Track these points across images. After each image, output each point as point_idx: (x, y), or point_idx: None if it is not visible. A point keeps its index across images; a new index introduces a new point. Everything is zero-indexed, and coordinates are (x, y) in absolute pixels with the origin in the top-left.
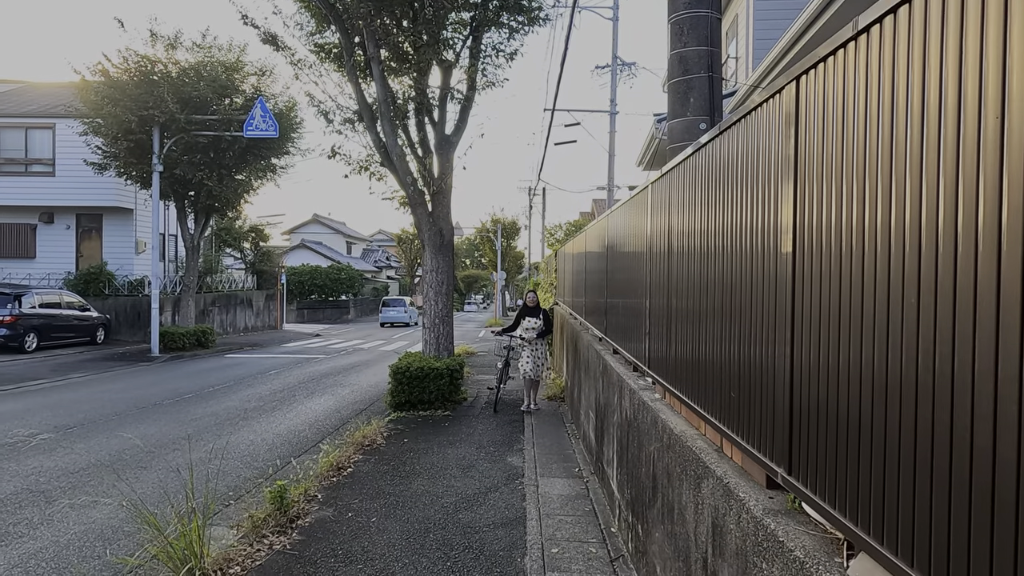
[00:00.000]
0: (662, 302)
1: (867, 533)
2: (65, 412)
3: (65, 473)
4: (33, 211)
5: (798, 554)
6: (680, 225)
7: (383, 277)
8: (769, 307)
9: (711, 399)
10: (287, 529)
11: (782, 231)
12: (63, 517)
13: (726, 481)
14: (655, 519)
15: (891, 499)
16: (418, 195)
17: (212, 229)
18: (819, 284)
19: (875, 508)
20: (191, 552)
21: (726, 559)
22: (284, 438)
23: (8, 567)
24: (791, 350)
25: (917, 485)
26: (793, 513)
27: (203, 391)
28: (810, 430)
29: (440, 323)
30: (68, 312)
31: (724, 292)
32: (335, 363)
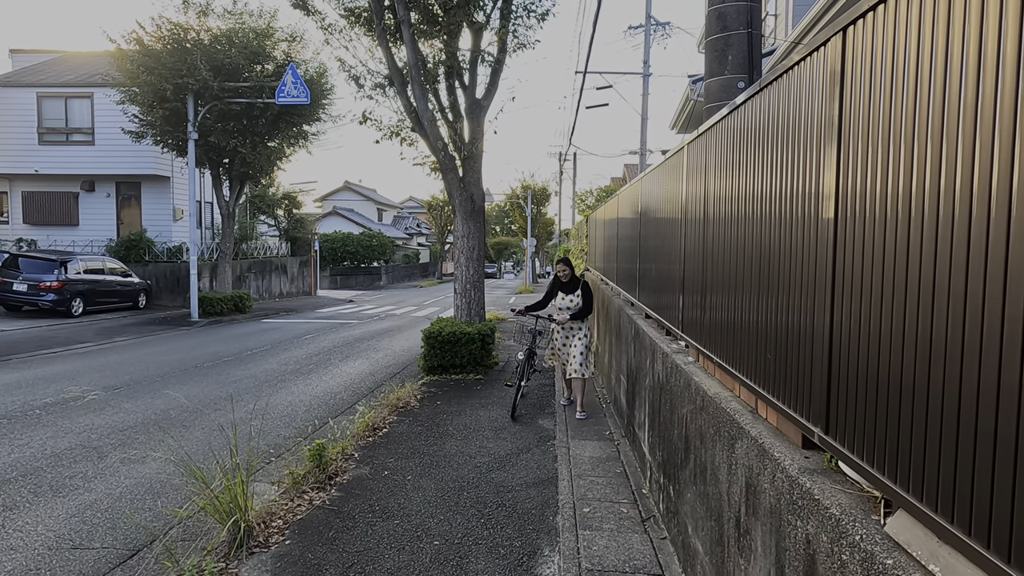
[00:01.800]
0: (697, 267)
1: (906, 490)
2: (112, 373)
3: (115, 430)
4: (75, 179)
5: (834, 511)
6: (716, 188)
7: (414, 244)
8: (809, 271)
9: (746, 361)
10: (326, 486)
11: (824, 196)
12: (115, 471)
13: (761, 441)
14: (687, 480)
15: (932, 456)
16: (449, 160)
17: (246, 196)
18: (862, 248)
19: (915, 466)
20: (236, 505)
21: (759, 518)
22: (321, 400)
23: (67, 516)
24: (831, 313)
25: (961, 443)
26: (829, 472)
27: (242, 354)
28: (848, 390)
29: (471, 288)
30: (111, 278)
31: (762, 256)
32: (368, 328)
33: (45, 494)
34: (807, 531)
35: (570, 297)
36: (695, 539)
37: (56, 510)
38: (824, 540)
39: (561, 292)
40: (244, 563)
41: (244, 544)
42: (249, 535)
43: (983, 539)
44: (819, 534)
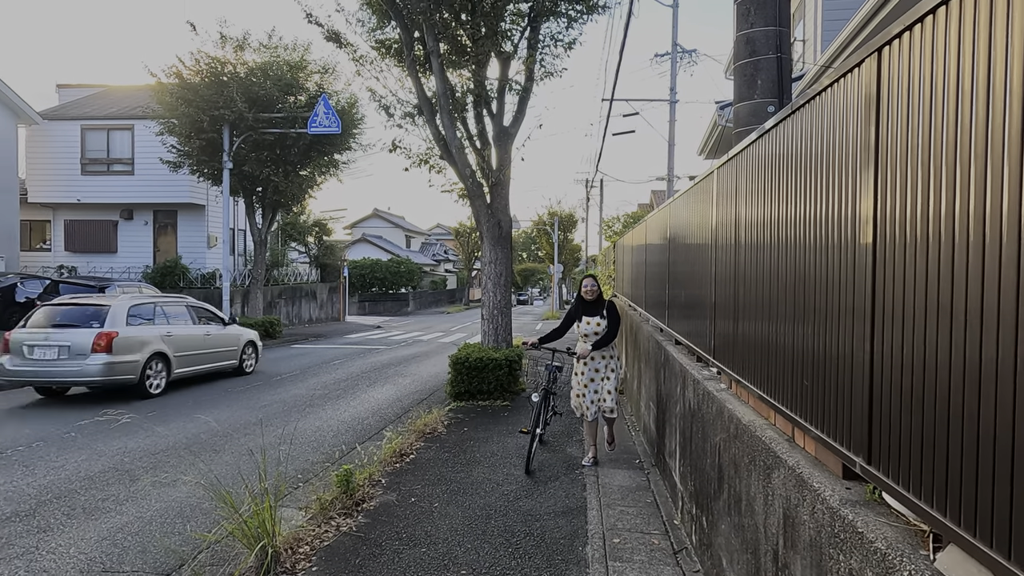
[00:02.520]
0: (728, 292)
1: (957, 523)
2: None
3: (147, 453)
4: (114, 208)
5: (879, 545)
6: (747, 213)
7: (441, 270)
8: (847, 296)
9: (782, 388)
10: (353, 512)
11: (862, 220)
12: (146, 495)
13: (799, 471)
14: (721, 511)
15: (985, 487)
16: (477, 187)
17: (278, 224)
18: (903, 272)
19: (966, 497)
20: (264, 531)
21: (799, 551)
22: (348, 425)
23: (99, 539)
24: (871, 337)
25: (1017, 472)
26: (872, 504)
27: (271, 379)
28: (892, 418)
29: (499, 314)
30: None
31: (797, 281)
32: (396, 354)
33: (79, 516)
34: (850, 566)
35: (595, 320)
36: (731, 572)
37: (88, 533)
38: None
39: (585, 316)
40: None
41: (271, 570)
42: (276, 561)
43: None
44: (863, 570)
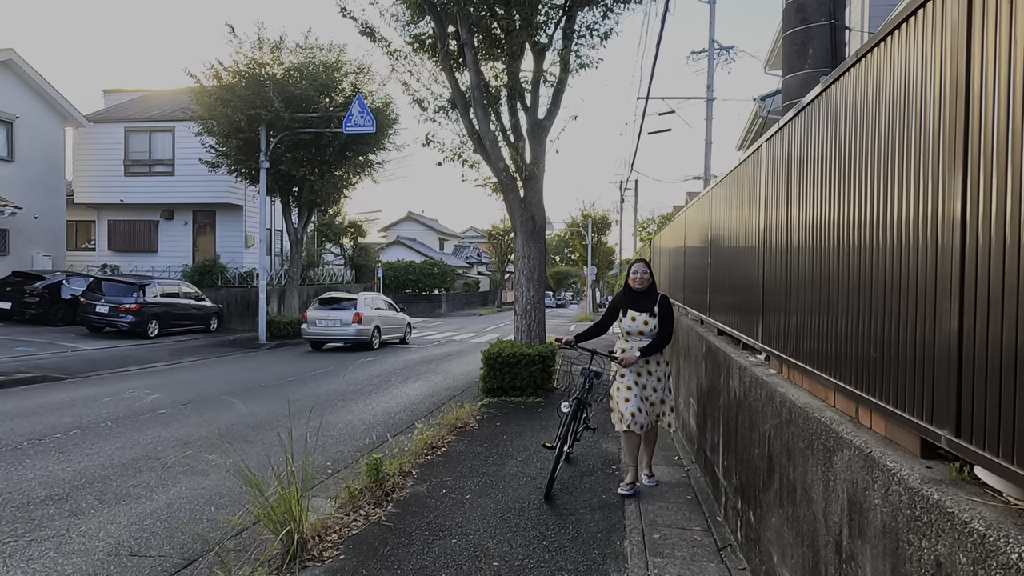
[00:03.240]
0: (779, 272)
1: None
2: (181, 390)
3: (180, 443)
4: (155, 208)
5: (976, 526)
6: (802, 185)
7: (474, 272)
8: (927, 240)
9: (843, 364)
10: (382, 502)
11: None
12: (176, 482)
13: (867, 451)
14: (771, 503)
15: None
16: (510, 181)
17: (314, 224)
18: (1002, 200)
19: None
20: (290, 516)
21: (868, 540)
22: (380, 419)
23: (128, 524)
24: (960, 284)
25: None
26: (960, 483)
27: (305, 375)
28: (988, 380)
29: (532, 310)
30: (185, 301)
31: (863, 246)
32: (428, 352)
33: (109, 501)
34: (936, 552)
35: (643, 317)
36: (782, 568)
37: (118, 517)
38: (963, 561)
39: (631, 309)
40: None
41: (297, 557)
42: (303, 548)
43: None
44: (955, 554)
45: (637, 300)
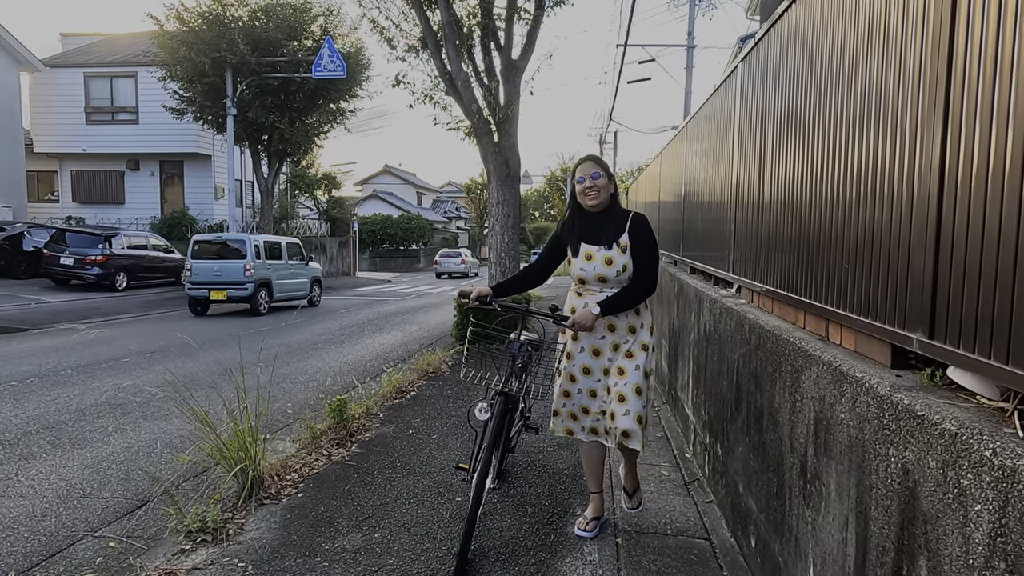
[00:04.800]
0: (752, 199)
1: None
2: (147, 340)
3: (142, 390)
4: (120, 158)
5: (948, 426)
6: (779, 103)
7: (452, 227)
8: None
9: (814, 284)
10: (346, 442)
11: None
12: (136, 426)
13: (836, 365)
14: (737, 434)
15: None
16: (483, 124)
17: (286, 176)
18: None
19: None
20: (245, 454)
21: (833, 456)
22: (351, 366)
23: (81, 467)
24: (941, 169)
25: None
26: (932, 389)
27: (276, 326)
28: (967, 276)
29: (506, 257)
30: (154, 254)
31: (836, 161)
32: (404, 304)
33: (63, 446)
34: (904, 459)
35: (604, 254)
36: (747, 497)
37: (72, 461)
38: (932, 465)
39: (585, 243)
40: (252, 514)
41: (253, 495)
42: (260, 486)
43: None
44: (924, 459)
45: (593, 226)
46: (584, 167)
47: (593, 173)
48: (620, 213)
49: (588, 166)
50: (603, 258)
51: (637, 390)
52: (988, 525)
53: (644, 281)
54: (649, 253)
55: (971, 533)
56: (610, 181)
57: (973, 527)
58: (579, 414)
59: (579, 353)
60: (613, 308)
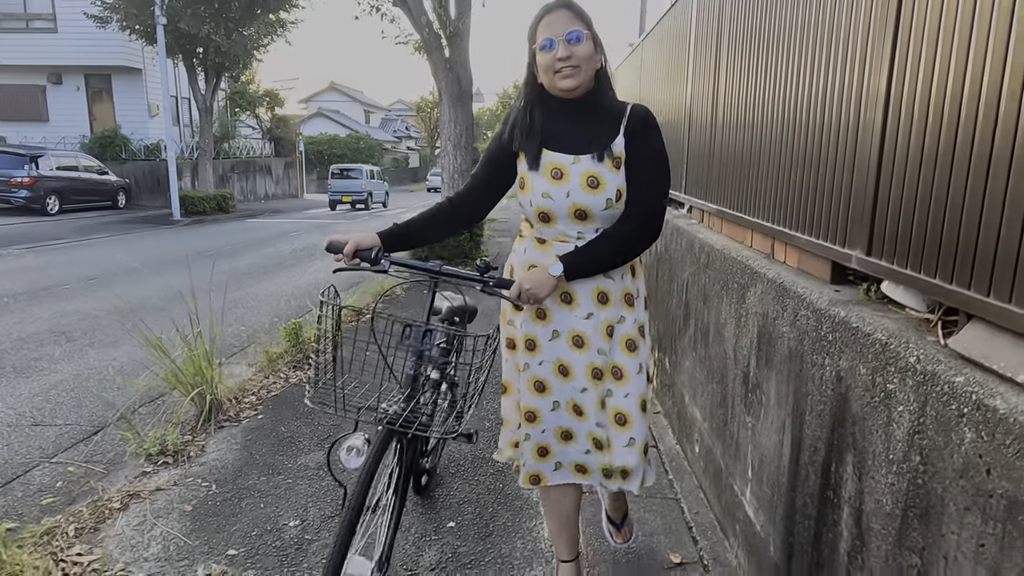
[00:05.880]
0: (703, 134)
1: (985, 292)
2: (88, 266)
3: (87, 316)
4: (40, 71)
5: (878, 336)
6: (732, 20)
7: (403, 148)
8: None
9: (762, 203)
10: (303, 365)
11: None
12: (83, 354)
13: (779, 281)
14: (685, 348)
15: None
16: (434, 38)
17: (225, 92)
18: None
19: (1001, 262)
20: (201, 378)
21: (774, 367)
22: (304, 289)
23: (29, 396)
24: (887, 94)
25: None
26: (866, 303)
27: (224, 249)
28: (904, 196)
29: (459, 178)
30: (87, 175)
31: (788, 86)
32: (356, 226)
33: (7, 375)
34: (838, 368)
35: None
36: (692, 407)
37: (18, 390)
38: (862, 372)
39: (549, 149)
40: (212, 436)
41: (212, 418)
42: (219, 409)
43: None
44: (855, 367)
45: (566, 123)
46: (553, 20)
47: (570, 32)
48: (612, 104)
49: (561, 17)
50: (583, 175)
51: (642, 404)
52: (908, 424)
53: (644, 219)
54: (655, 171)
55: (893, 431)
56: (596, 48)
57: (895, 426)
58: (554, 445)
59: (548, 342)
60: (587, 266)
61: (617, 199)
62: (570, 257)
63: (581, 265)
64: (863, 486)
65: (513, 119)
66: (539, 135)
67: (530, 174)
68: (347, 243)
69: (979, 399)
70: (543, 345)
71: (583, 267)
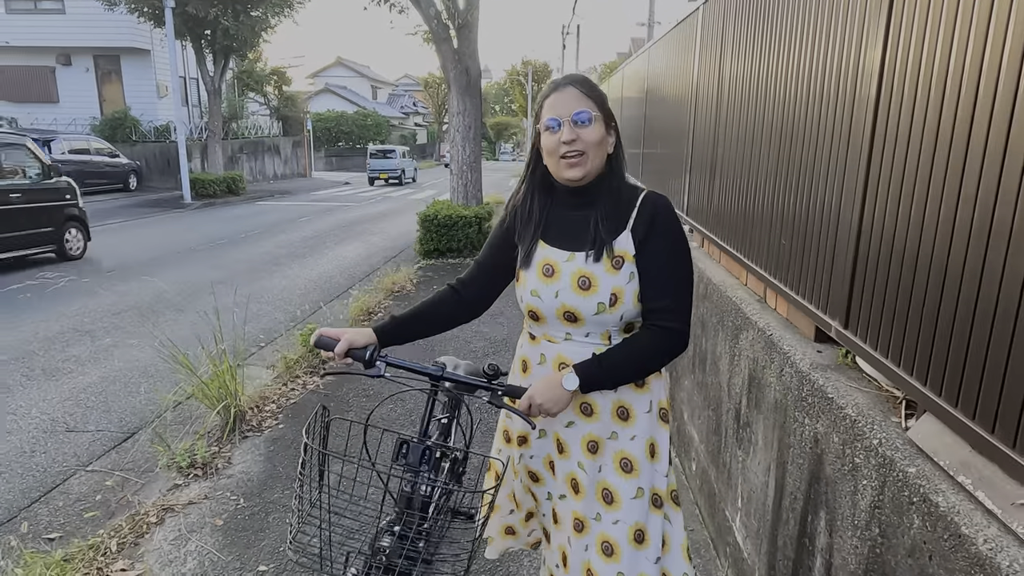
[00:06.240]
0: (707, 148)
1: (937, 392)
2: (105, 255)
3: (108, 313)
4: (49, 52)
5: (849, 412)
6: (735, 62)
7: (410, 124)
8: (840, 151)
9: (756, 247)
10: (320, 369)
11: (864, 72)
12: (108, 355)
13: (768, 333)
14: (685, 368)
15: (976, 357)
16: (443, 29)
17: (233, 72)
18: (909, 127)
19: (952, 366)
20: (226, 391)
21: (762, 412)
22: (316, 283)
23: (61, 400)
24: (863, 195)
25: (1016, 345)
26: (844, 369)
27: (236, 237)
28: (876, 283)
29: (468, 170)
30: (98, 159)
31: (783, 134)
32: (365, 211)
33: (38, 377)
34: (816, 430)
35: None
36: (691, 427)
37: (50, 394)
38: (835, 441)
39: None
40: (237, 446)
41: (237, 428)
42: (242, 420)
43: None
44: (830, 434)
45: (567, 214)
46: (559, 99)
47: (578, 112)
48: (622, 192)
49: (567, 96)
50: (574, 275)
51: (637, 536)
52: (870, 497)
53: (666, 328)
54: (675, 271)
55: (858, 500)
56: (608, 129)
57: (860, 496)
58: (519, 527)
59: (537, 440)
60: (606, 378)
61: (612, 303)
62: (587, 368)
63: (599, 377)
64: (833, 542)
65: (513, 204)
66: (537, 226)
67: (523, 271)
68: (339, 340)
69: (925, 492)
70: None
71: (603, 378)
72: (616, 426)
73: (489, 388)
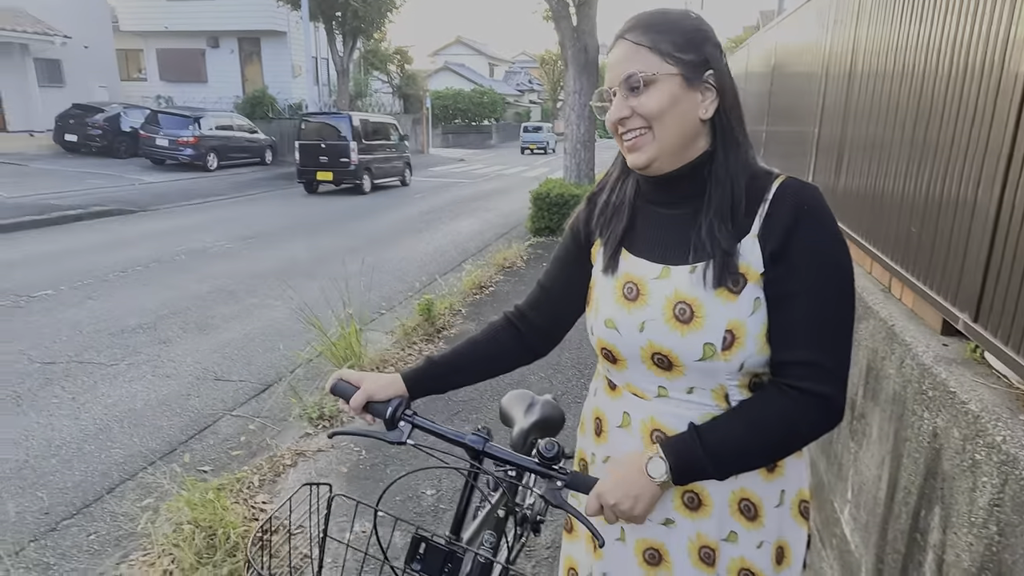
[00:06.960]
0: (835, 129)
1: None
2: (244, 225)
3: (248, 276)
4: (200, 36)
5: (972, 407)
6: (870, 33)
7: (525, 101)
8: (981, 132)
9: (883, 234)
10: (434, 338)
11: (1016, 44)
12: (248, 313)
13: (891, 323)
14: None
15: None
16: (562, 7)
17: (359, 51)
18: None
19: None
20: (352, 352)
21: (879, 403)
22: (431, 256)
23: (210, 351)
24: (1003, 182)
25: None
26: (971, 363)
27: (358, 211)
28: (1012, 276)
29: (582, 148)
30: (239, 134)
31: (917, 118)
32: (478, 188)
33: (192, 331)
34: (935, 424)
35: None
36: None
37: (201, 345)
38: (955, 436)
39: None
40: None
41: None
42: None
43: None
44: (949, 429)
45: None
46: (612, 59)
47: (629, 75)
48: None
49: (620, 54)
50: (670, 300)
51: None
52: (990, 495)
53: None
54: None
55: (977, 498)
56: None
57: (979, 494)
58: None
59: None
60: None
61: (727, 345)
62: (681, 448)
63: (701, 463)
64: (946, 538)
65: (596, 190)
66: (625, 219)
67: (601, 282)
68: (357, 387)
69: None
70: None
71: (704, 465)
72: (736, 524)
73: (548, 475)
